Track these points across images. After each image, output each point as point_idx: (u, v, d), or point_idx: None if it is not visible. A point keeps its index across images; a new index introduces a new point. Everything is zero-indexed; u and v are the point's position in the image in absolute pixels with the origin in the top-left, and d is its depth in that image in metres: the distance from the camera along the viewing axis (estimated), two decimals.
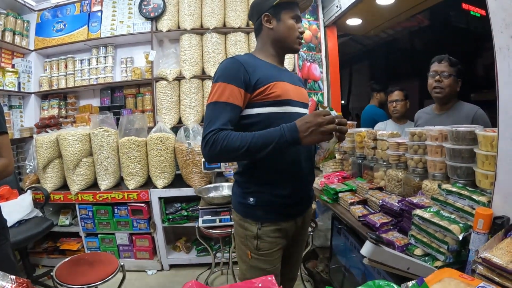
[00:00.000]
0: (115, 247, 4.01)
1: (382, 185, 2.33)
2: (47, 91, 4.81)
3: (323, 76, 4.57)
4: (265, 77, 1.71)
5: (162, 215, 3.88)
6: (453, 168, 1.72)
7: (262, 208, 1.79)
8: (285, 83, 1.77)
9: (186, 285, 0.77)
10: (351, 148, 2.90)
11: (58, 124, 4.54)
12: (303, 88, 1.97)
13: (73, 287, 2.37)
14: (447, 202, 1.49)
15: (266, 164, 1.76)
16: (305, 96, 1.95)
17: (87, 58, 4.71)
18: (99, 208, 3.85)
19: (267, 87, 1.69)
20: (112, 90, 4.80)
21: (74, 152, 3.70)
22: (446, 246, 1.34)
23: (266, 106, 1.71)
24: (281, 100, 1.72)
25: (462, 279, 0.92)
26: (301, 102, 1.85)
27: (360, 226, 2.02)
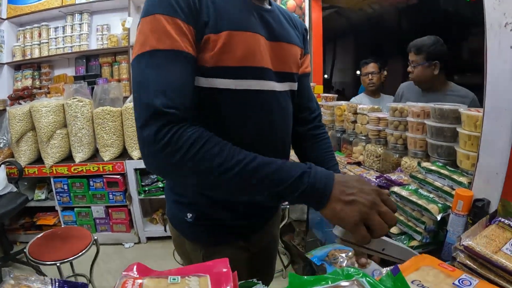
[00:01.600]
0: (92, 221, 3.94)
1: (361, 160, 2.29)
2: (20, 61, 4.63)
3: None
4: (222, 16, 0.95)
5: (138, 187, 3.80)
6: (434, 146, 1.68)
7: (205, 229, 1.17)
8: (257, 36, 1.01)
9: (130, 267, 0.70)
10: (330, 121, 2.85)
11: (32, 95, 4.40)
12: (297, 47, 1.19)
13: (46, 263, 2.32)
14: (426, 180, 1.45)
15: None
16: (293, 60, 1.17)
17: (61, 26, 4.52)
18: (74, 181, 3.75)
19: (218, 37, 0.93)
20: (88, 59, 4.64)
21: (47, 124, 3.55)
22: (423, 225, 1.31)
23: (219, 76, 0.97)
24: (243, 68, 0.98)
25: (442, 269, 0.86)
26: (284, 73, 1.13)
27: None
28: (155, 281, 0.63)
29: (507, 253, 0.86)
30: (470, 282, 0.80)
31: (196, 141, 0.83)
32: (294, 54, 1.17)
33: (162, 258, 3.56)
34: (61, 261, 2.35)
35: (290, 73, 1.16)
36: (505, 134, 1.08)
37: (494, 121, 1.12)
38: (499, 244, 0.90)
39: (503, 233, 0.96)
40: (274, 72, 1.08)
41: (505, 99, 1.06)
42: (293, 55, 1.16)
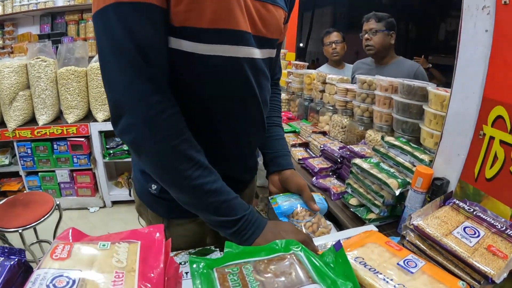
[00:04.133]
0: (56, 185, 3.83)
1: (326, 129, 2.26)
2: None
3: None
4: None
5: (102, 150, 3.70)
6: (399, 121, 1.64)
7: (168, 203, 1.07)
8: None
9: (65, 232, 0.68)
10: (299, 89, 2.80)
11: None
12: (282, 10, 1.04)
13: (8, 230, 2.26)
14: (388, 155, 1.41)
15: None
16: (275, 24, 1.01)
17: None
18: (38, 144, 3.59)
19: None
20: (53, 17, 4.44)
21: (10, 85, 3.34)
22: (382, 199, 1.29)
23: (188, 38, 0.84)
24: (215, 31, 0.84)
25: (388, 247, 0.83)
26: (265, 38, 0.99)
27: (299, 169, 1.95)
28: (85, 247, 0.61)
29: (457, 237, 0.84)
30: (415, 264, 0.77)
31: (175, 134, 0.83)
32: (278, 18, 1.01)
33: (127, 222, 3.53)
34: (23, 228, 2.29)
35: (271, 39, 1.02)
36: (470, 117, 1.06)
37: (460, 103, 1.10)
38: (450, 227, 0.88)
39: (456, 216, 0.94)
40: (254, 37, 0.93)
41: (474, 82, 1.04)
42: (276, 19, 1.00)
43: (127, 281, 0.55)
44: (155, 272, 0.59)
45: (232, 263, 0.66)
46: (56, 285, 0.52)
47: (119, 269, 0.57)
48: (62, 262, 0.57)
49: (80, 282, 0.53)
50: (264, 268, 0.64)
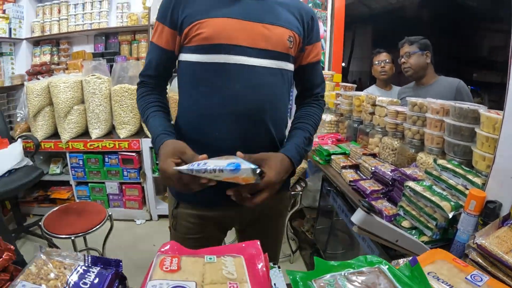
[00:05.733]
0: (105, 196, 4.04)
1: (376, 152, 2.32)
2: (39, 37, 4.68)
3: (326, 35, 4.43)
4: (196, 12, 1.27)
5: (152, 165, 3.88)
6: (451, 144, 1.70)
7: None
8: (227, 19, 1.26)
9: (164, 245, 0.78)
10: (348, 111, 2.88)
11: (50, 71, 4.48)
12: (284, 29, 1.32)
13: (60, 236, 2.40)
14: (441, 178, 1.47)
15: (184, 115, 1.40)
16: (277, 39, 1.30)
17: (81, 3, 4.54)
18: (90, 156, 3.84)
19: (192, 26, 1.27)
20: (107, 36, 4.68)
21: (65, 99, 3.62)
22: (435, 222, 1.34)
23: (190, 52, 1.31)
24: (210, 45, 1.26)
25: (456, 264, 0.92)
26: (259, 49, 1.28)
27: (350, 190, 2.03)
28: (191, 259, 0.69)
29: None
30: (481, 278, 0.86)
31: (137, 96, 1.44)
32: (279, 34, 1.31)
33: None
34: (75, 235, 2.44)
35: (272, 51, 1.30)
36: None
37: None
38: (510, 246, 0.95)
39: None
40: (249, 48, 1.27)
41: None
42: (277, 35, 1.30)
43: None
44: (264, 284, 0.67)
45: (326, 275, 0.74)
46: None
47: (232, 281, 0.65)
48: (173, 274, 0.65)
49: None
50: (355, 279, 0.72)
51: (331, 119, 3.13)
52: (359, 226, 1.44)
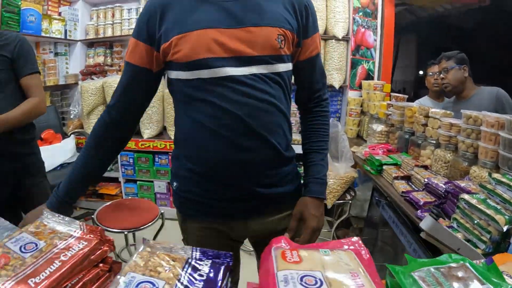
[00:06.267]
0: (153, 195, 4.20)
1: (428, 164, 2.35)
2: (93, 39, 4.93)
3: (376, 44, 4.45)
4: (172, 27, 1.21)
5: None
6: (505, 158, 1.72)
7: (183, 199, 1.39)
8: (204, 31, 1.18)
9: (277, 239, 0.81)
10: (399, 121, 2.91)
11: (103, 71, 4.70)
12: (271, 28, 1.22)
13: (113, 230, 2.51)
14: (495, 191, 1.49)
15: (179, 129, 1.38)
16: (263, 42, 1.21)
17: (135, 8, 4.73)
18: (140, 155, 4.02)
19: (170, 43, 1.20)
20: None
21: None
22: (489, 235, 1.36)
23: (176, 69, 1.25)
24: (191, 62, 1.19)
25: None
26: (244, 57, 1.20)
27: (402, 201, 2.06)
28: (309, 252, 0.74)
29: None
30: None
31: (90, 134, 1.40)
32: (265, 36, 1.20)
33: None
34: (128, 230, 2.56)
35: (259, 56, 1.21)
36: None
37: None
38: None
39: None
40: (233, 58, 1.19)
41: None
42: (262, 37, 1.20)
43: (363, 280, 0.66)
44: (376, 274, 0.71)
45: (422, 268, 0.78)
46: (307, 282, 0.64)
47: (351, 270, 0.69)
48: (297, 265, 0.69)
49: (325, 280, 0.65)
50: (446, 272, 0.77)
51: (381, 129, 3.17)
52: (427, 232, 1.49)
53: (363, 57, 4.34)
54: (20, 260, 0.76)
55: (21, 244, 0.82)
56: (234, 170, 1.26)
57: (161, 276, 0.73)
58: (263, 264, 0.75)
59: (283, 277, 0.65)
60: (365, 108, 3.89)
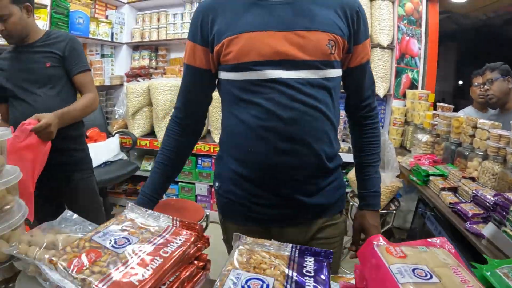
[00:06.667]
0: (193, 197, 4.28)
1: (475, 175, 2.33)
2: (138, 42, 5.10)
3: (420, 52, 4.40)
4: (223, 29, 1.25)
5: None
6: None
7: (224, 199, 1.43)
8: (255, 33, 1.21)
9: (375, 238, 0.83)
10: (445, 132, 2.90)
11: (148, 74, 4.86)
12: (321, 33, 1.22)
13: None
14: None
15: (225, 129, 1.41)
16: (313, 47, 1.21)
17: (180, 13, 4.86)
18: None
19: (221, 45, 1.25)
20: None
21: (165, 101, 3.94)
22: None
23: (226, 70, 1.29)
24: (241, 64, 1.23)
25: None
26: (294, 61, 1.20)
27: (450, 212, 2.06)
28: (408, 248, 0.78)
29: None
30: None
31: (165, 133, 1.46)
32: (316, 40, 1.20)
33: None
34: None
35: (309, 61, 1.21)
36: None
37: None
38: None
39: None
40: (283, 61, 1.20)
41: None
42: (313, 41, 1.20)
43: (464, 274, 0.69)
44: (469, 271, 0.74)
45: (502, 267, 0.84)
46: (418, 274, 0.68)
47: (451, 265, 0.72)
48: (404, 259, 0.73)
49: (432, 273, 0.68)
50: None
51: (427, 140, 3.15)
52: (489, 239, 1.50)
53: (407, 66, 4.31)
54: (114, 256, 0.76)
55: (111, 239, 0.82)
56: (275, 174, 1.28)
57: (267, 273, 0.75)
58: (367, 261, 0.78)
59: (397, 270, 0.69)
60: (409, 118, 3.86)
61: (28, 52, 2.14)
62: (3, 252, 0.94)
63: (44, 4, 3.63)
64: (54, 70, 2.14)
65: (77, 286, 0.68)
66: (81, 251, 0.77)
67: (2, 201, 0.99)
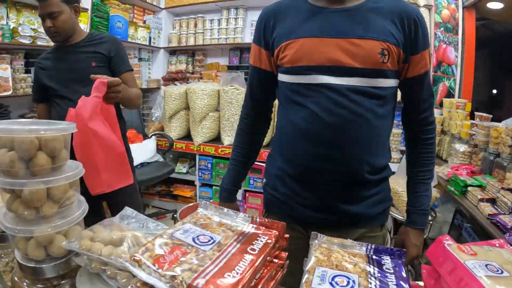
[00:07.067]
0: None
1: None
2: (175, 47, 5.26)
3: (457, 60, 4.30)
4: (282, 34, 1.33)
5: None
6: None
7: (269, 195, 1.49)
8: (310, 39, 1.26)
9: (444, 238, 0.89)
10: (483, 142, 2.87)
11: (185, 78, 4.98)
12: (374, 42, 1.22)
13: None
14: None
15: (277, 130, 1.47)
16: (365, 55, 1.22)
17: (217, 19, 4.98)
18: (219, 161, 4.18)
19: (280, 49, 1.33)
20: (241, 51, 5.04)
21: (202, 105, 4.02)
22: None
23: (283, 72, 1.37)
24: (295, 67, 1.30)
25: None
26: (345, 67, 1.22)
27: (488, 224, 2.05)
28: (476, 247, 0.82)
29: None
30: None
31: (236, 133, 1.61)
32: (368, 49, 1.21)
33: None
34: None
35: (360, 69, 1.22)
36: None
37: None
38: None
39: None
40: (333, 67, 1.23)
41: None
42: (365, 49, 1.21)
43: None
44: None
45: None
46: (491, 269, 0.72)
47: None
48: (476, 256, 0.77)
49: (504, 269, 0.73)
50: None
51: (464, 150, 3.13)
52: None
53: (444, 74, 4.26)
54: (200, 253, 0.76)
55: (193, 236, 0.82)
56: (315, 176, 1.32)
57: (349, 270, 0.78)
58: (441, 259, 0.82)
59: (472, 265, 0.73)
60: (446, 127, 3.82)
61: (73, 52, 2.20)
62: (62, 247, 0.96)
63: (85, 8, 3.78)
64: (99, 70, 2.18)
65: (166, 283, 0.68)
66: (164, 248, 0.77)
67: (64, 196, 1.01)
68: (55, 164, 0.99)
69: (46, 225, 0.96)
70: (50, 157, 0.97)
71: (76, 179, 1.05)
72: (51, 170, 0.98)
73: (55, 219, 0.98)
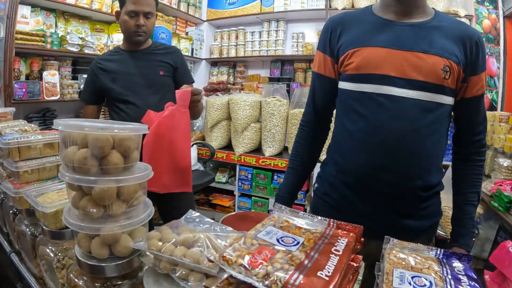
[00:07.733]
0: (266, 211, 4.29)
1: None
2: (217, 58, 5.41)
3: (499, 72, 4.20)
4: (349, 42, 1.37)
5: None
6: None
7: (320, 200, 1.53)
8: (377, 49, 1.30)
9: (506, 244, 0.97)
10: None
11: (226, 89, 5.11)
12: (437, 57, 1.26)
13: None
14: None
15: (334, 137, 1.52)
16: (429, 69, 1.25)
17: (258, 31, 5.11)
18: (259, 172, 4.22)
19: (346, 55, 1.37)
20: (282, 63, 5.12)
21: (244, 116, 4.09)
22: None
23: (345, 80, 1.40)
24: (359, 75, 1.33)
25: None
26: (409, 80, 1.26)
27: None
28: None
29: None
30: None
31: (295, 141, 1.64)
32: (432, 63, 1.25)
33: None
34: None
35: (423, 82, 1.26)
36: None
37: None
38: None
39: None
40: (397, 78, 1.27)
41: None
42: (429, 64, 1.25)
43: None
44: None
45: None
46: None
47: None
48: None
49: None
50: None
51: (508, 165, 3.06)
52: None
53: (486, 87, 4.11)
54: (288, 254, 0.75)
55: (277, 238, 0.82)
56: (369, 187, 1.34)
57: (424, 272, 0.79)
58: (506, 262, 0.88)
59: None
60: (489, 141, 3.74)
61: (142, 58, 2.26)
62: (128, 247, 0.97)
63: None
64: (166, 79, 2.27)
65: (259, 281, 0.67)
66: (251, 248, 0.76)
67: (134, 196, 1.01)
68: (127, 163, 0.99)
69: (113, 224, 0.96)
70: (123, 156, 0.97)
71: (145, 181, 1.04)
72: (122, 169, 0.98)
73: (122, 219, 0.99)
